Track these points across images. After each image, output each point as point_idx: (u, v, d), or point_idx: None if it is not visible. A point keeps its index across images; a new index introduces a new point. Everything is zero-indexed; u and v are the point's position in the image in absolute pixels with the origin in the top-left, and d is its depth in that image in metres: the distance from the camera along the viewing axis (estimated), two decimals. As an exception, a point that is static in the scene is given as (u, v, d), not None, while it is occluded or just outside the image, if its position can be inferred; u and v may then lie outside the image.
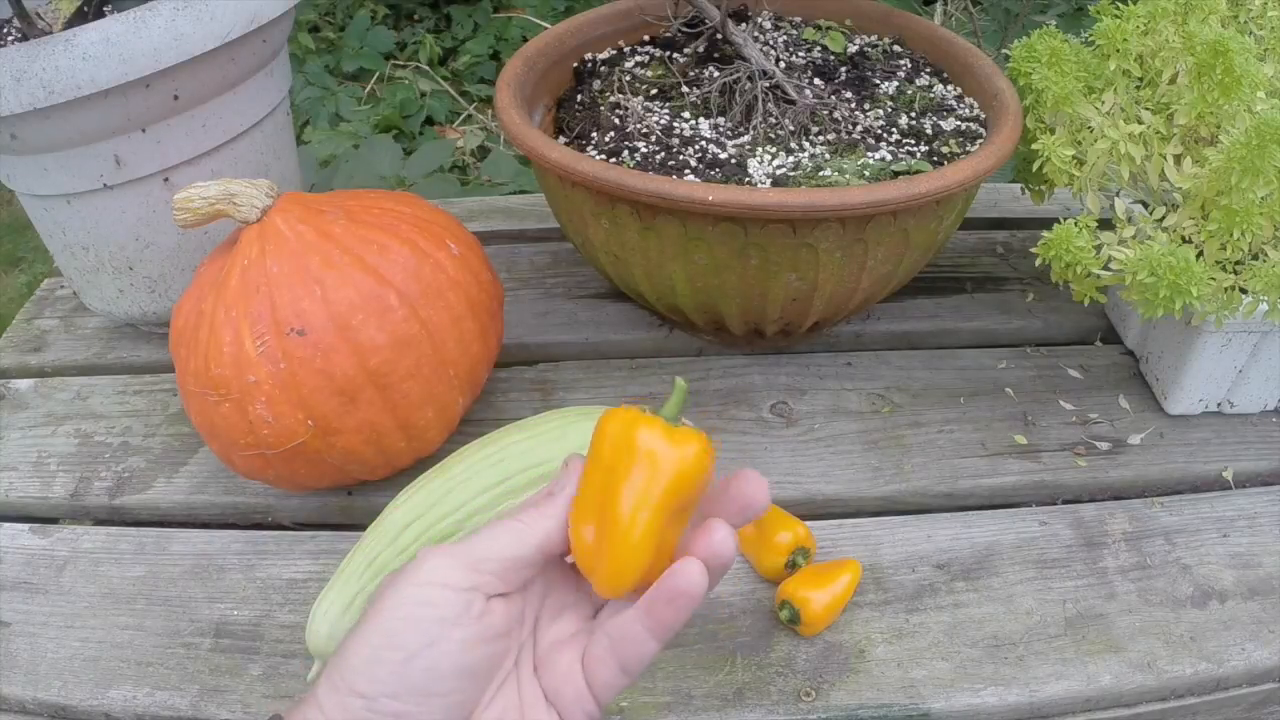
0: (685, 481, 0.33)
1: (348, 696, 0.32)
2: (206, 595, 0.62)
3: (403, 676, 0.32)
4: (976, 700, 0.55)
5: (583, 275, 0.87)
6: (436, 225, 0.65)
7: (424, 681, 0.32)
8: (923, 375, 0.77)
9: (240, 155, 0.73)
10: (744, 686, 0.56)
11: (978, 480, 0.68)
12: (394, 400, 0.60)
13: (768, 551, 0.60)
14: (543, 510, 0.35)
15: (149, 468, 0.71)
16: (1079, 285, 0.65)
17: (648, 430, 0.33)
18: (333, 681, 0.33)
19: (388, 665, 0.32)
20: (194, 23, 0.62)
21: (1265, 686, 0.58)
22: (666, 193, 0.59)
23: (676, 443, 0.33)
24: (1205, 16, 0.68)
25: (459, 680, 0.32)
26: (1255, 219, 0.58)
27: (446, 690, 0.32)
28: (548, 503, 0.35)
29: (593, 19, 0.82)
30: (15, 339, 0.84)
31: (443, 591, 0.33)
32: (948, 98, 0.76)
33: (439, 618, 0.32)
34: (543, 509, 0.35)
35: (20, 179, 0.69)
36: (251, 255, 0.59)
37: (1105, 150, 0.65)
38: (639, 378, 0.76)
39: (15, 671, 0.57)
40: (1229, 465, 0.69)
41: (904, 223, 0.63)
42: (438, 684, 0.32)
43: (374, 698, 0.31)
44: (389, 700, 0.31)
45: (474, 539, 0.34)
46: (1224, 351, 0.68)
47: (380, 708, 0.31)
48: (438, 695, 0.32)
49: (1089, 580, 0.61)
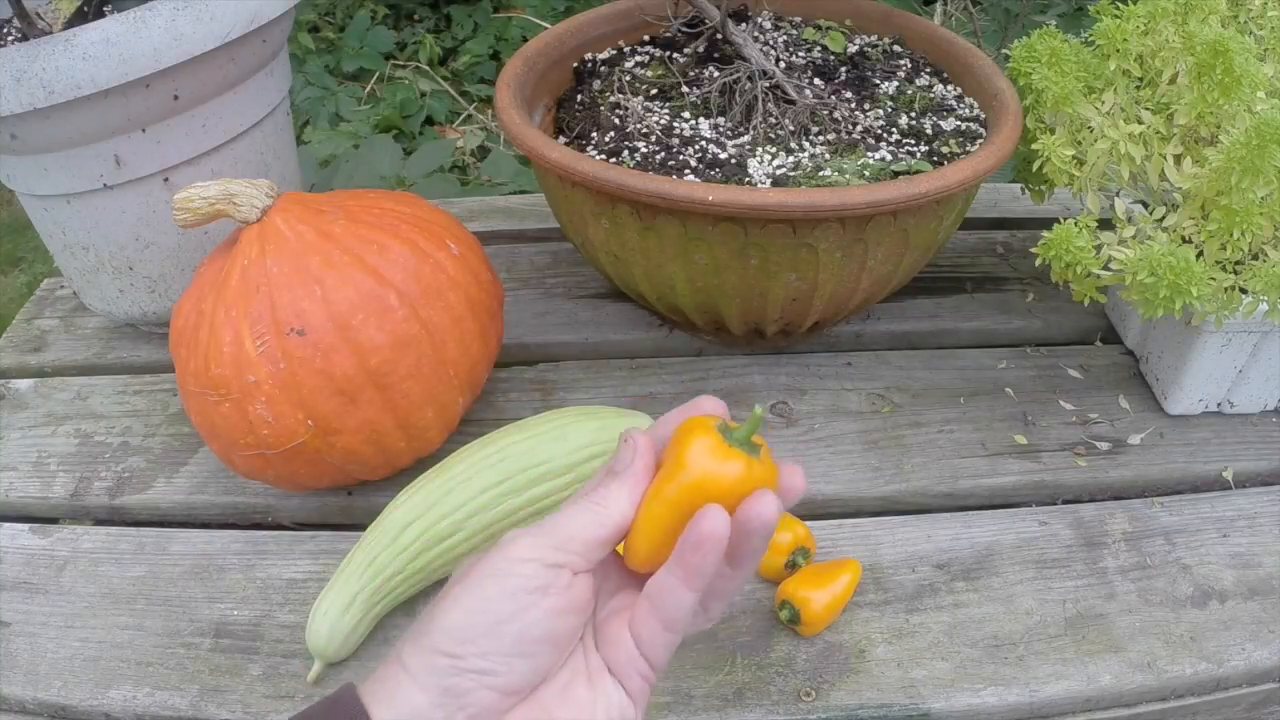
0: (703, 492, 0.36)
1: (435, 657, 0.34)
2: (206, 595, 0.62)
3: (494, 638, 0.34)
4: (976, 700, 0.55)
5: (583, 275, 0.87)
6: (436, 225, 0.65)
7: (513, 645, 0.34)
8: (923, 375, 0.77)
9: (240, 155, 0.73)
10: (744, 686, 0.56)
11: (978, 480, 0.68)
12: (394, 400, 0.60)
13: (768, 551, 0.60)
14: (614, 491, 0.37)
15: (149, 468, 0.71)
16: (1079, 285, 0.65)
17: (698, 442, 0.36)
18: (420, 644, 0.35)
19: (480, 628, 0.34)
20: (194, 23, 0.62)
21: (1265, 686, 0.58)
22: (666, 193, 0.59)
23: (718, 458, 0.36)
24: (1205, 16, 0.68)
25: (544, 645, 0.35)
26: (1255, 219, 0.58)
27: (532, 653, 0.35)
28: (617, 483, 0.37)
29: (593, 19, 0.82)
30: (15, 339, 0.84)
31: (534, 566, 0.35)
32: (948, 98, 0.76)
33: (531, 588, 0.35)
34: (614, 490, 0.37)
35: (20, 179, 0.69)
36: (251, 255, 0.59)
37: (1105, 150, 0.65)
38: (639, 378, 0.76)
39: (15, 671, 0.57)
40: (1229, 465, 0.69)
41: (904, 223, 0.63)
42: (526, 647, 0.35)
43: (463, 657, 0.34)
44: (478, 659, 0.34)
45: (557, 520, 0.37)
46: (1224, 351, 0.68)
47: (468, 665, 0.34)
48: (523, 657, 0.35)
49: (1089, 580, 0.61)
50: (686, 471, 0.36)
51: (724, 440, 0.36)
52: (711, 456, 0.36)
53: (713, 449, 0.36)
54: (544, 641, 0.35)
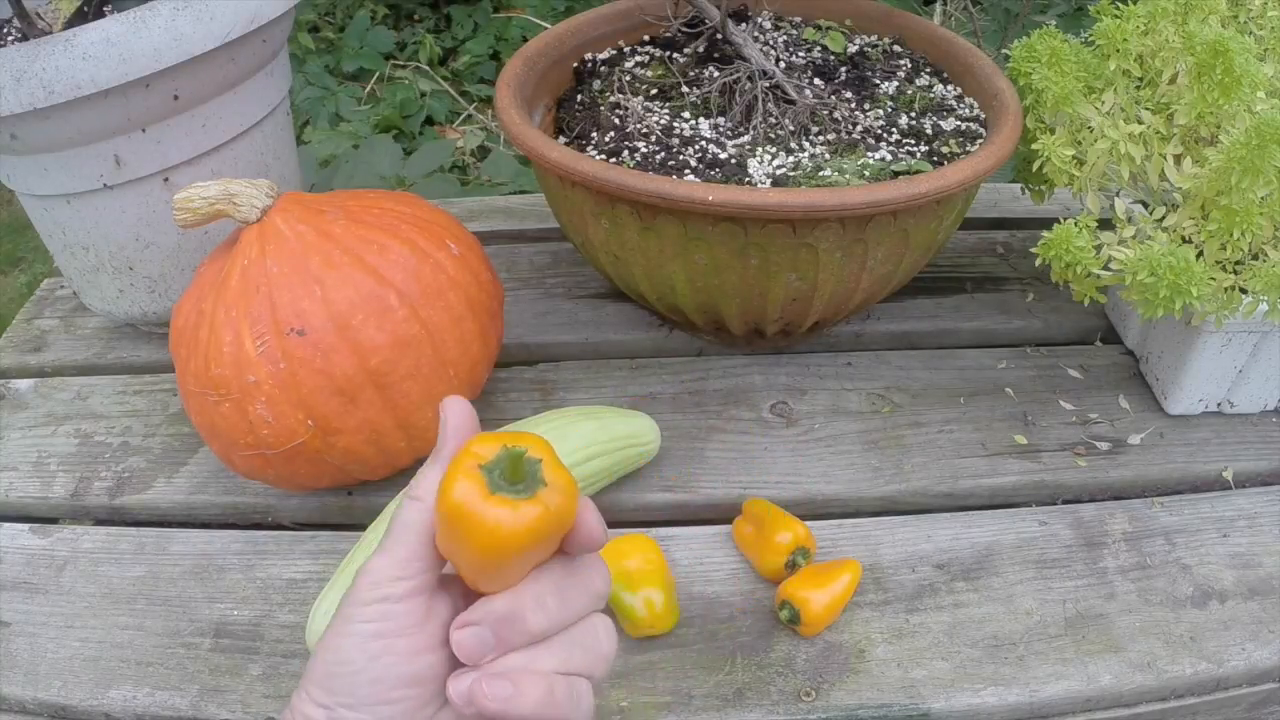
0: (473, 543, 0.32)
1: (310, 706, 0.34)
2: (206, 595, 0.62)
3: (354, 688, 0.34)
4: (976, 700, 0.55)
5: (583, 275, 0.87)
6: (436, 225, 0.65)
7: (372, 693, 0.34)
8: (923, 375, 0.77)
9: (240, 155, 0.73)
10: (744, 686, 0.56)
11: (978, 480, 0.68)
12: (394, 400, 0.60)
13: (768, 551, 0.60)
14: (429, 477, 0.36)
15: (149, 468, 0.71)
16: (1079, 285, 0.65)
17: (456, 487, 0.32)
18: (301, 691, 0.35)
19: (340, 678, 0.34)
20: (194, 23, 0.62)
21: (1265, 686, 0.58)
22: (666, 193, 0.59)
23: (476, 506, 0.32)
24: (1205, 16, 0.68)
25: (407, 688, 0.34)
26: (1255, 219, 0.58)
27: (396, 699, 0.34)
28: (433, 470, 0.36)
29: (593, 19, 0.82)
30: (15, 339, 0.84)
31: (379, 607, 0.34)
32: (948, 98, 0.76)
33: (380, 632, 0.34)
34: (430, 476, 0.36)
35: (20, 179, 0.69)
36: (251, 255, 0.59)
37: (1105, 150, 0.65)
38: (639, 378, 0.77)
39: (15, 671, 0.57)
40: (1229, 465, 0.69)
41: (904, 223, 0.63)
42: (385, 693, 0.34)
43: (332, 708, 0.34)
44: (345, 710, 0.34)
45: (392, 532, 0.35)
46: (1224, 351, 0.68)
47: (338, 716, 0.34)
48: (388, 704, 0.34)
49: (1089, 580, 0.61)
50: (451, 522, 0.32)
51: (486, 485, 0.32)
52: (470, 505, 0.32)
53: (471, 496, 0.32)
54: (406, 684, 0.34)
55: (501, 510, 0.31)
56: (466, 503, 0.32)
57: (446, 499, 0.32)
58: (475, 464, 0.32)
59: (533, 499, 0.32)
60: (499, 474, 0.32)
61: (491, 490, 0.32)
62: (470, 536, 0.32)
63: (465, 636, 0.34)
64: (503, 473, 0.32)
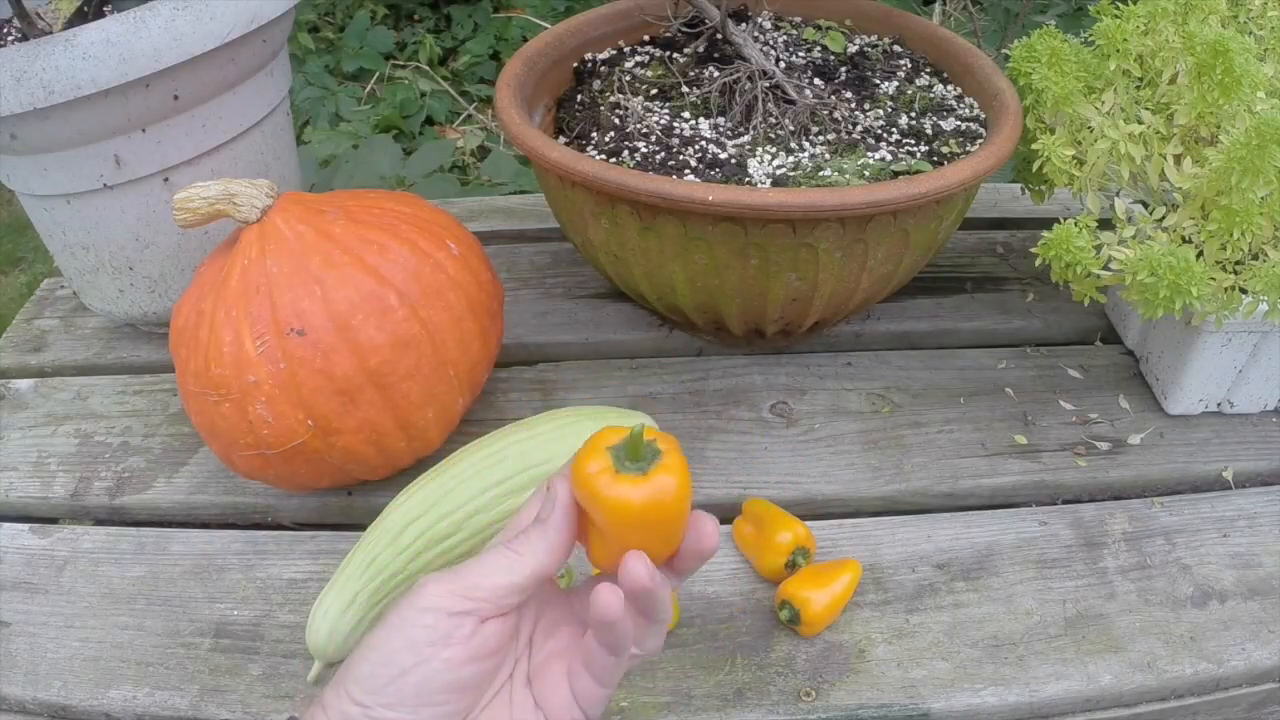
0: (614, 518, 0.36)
1: (348, 704, 0.35)
2: (206, 595, 0.62)
3: (397, 690, 0.35)
4: (976, 700, 0.55)
5: (583, 275, 0.87)
6: (436, 225, 0.65)
7: (415, 695, 0.35)
8: (923, 375, 0.77)
9: (240, 155, 0.73)
10: (744, 686, 0.56)
11: (978, 480, 0.68)
12: (394, 400, 0.60)
13: (768, 551, 0.60)
14: (533, 541, 0.37)
15: (149, 468, 0.71)
16: (1079, 285, 0.65)
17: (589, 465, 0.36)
18: (338, 689, 0.36)
19: (383, 679, 0.35)
20: (194, 23, 0.62)
21: (1265, 686, 0.58)
22: (666, 193, 0.59)
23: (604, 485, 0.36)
24: (1205, 16, 0.68)
25: (449, 694, 0.36)
26: (1255, 219, 0.58)
27: (439, 702, 0.36)
28: (537, 532, 0.38)
29: (593, 19, 0.82)
30: (15, 339, 0.84)
31: (435, 616, 0.36)
32: (948, 98, 0.76)
33: (431, 640, 0.35)
34: (533, 539, 0.37)
35: (20, 179, 0.69)
36: (251, 255, 0.59)
37: (1105, 150, 0.65)
38: (639, 378, 0.77)
39: (15, 671, 0.57)
40: (1229, 465, 0.69)
41: (904, 223, 0.63)
42: (429, 697, 0.35)
43: (371, 706, 0.35)
44: (384, 709, 0.35)
45: (470, 567, 0.37)
46: (1224, 351, 0.68)
47: (376, 715, 0.35)
48: (429, 706, 0.36)
49: (1089, 580, 0.61)
50: (590, 502, 0.36)
51: (613, 465, 0.36)
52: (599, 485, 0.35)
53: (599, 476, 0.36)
54: (449, 690, 0.36)
55: (624, 485, 0.35)
56: (594, 476, 0.36)
57: (579, 472, 0.36)
58: (604, 445, 0.36)
59: (649, 475, 0.36)
60: (623, 455, 0.36)
61: (618, 470, 0.36)
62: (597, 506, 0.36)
63: (639, 566, 0.36)
64: (627, 453, 0.36)
